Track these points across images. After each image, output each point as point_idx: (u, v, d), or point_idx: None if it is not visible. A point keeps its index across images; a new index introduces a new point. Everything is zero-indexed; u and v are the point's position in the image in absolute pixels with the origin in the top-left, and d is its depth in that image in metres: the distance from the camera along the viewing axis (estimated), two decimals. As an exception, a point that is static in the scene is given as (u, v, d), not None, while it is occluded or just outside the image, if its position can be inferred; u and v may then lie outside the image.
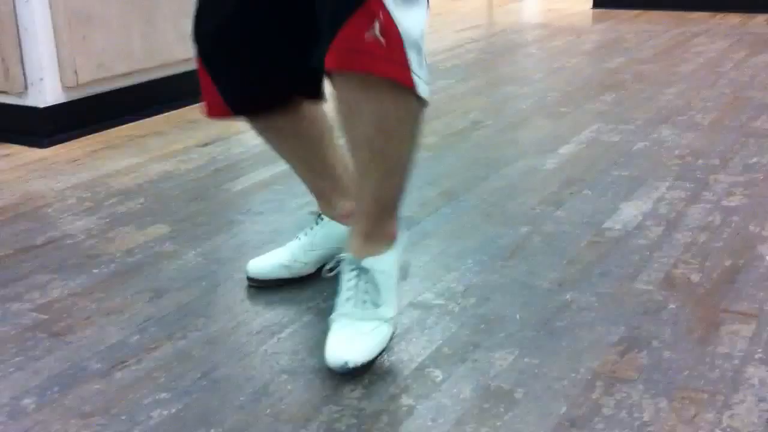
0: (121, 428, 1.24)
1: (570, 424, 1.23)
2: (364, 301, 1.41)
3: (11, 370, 1.40)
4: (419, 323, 1.53)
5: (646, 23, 4.60)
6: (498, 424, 1.24)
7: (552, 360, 1.40)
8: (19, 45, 2.66)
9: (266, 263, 1.67)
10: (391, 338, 1.45)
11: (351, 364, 1.35)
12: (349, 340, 1.37)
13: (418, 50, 1.29)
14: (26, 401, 1.31)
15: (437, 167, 2.37)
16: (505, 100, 3.10)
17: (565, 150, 2.48)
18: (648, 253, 1.79)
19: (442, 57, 3.87)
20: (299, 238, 1.68)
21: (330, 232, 1.65)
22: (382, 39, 1.23)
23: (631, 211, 2.00)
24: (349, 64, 1.25)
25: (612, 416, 1.25)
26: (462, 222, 1.98)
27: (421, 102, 1.33)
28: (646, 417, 1.25)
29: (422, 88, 1.31)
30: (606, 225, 1.93)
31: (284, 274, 1.66)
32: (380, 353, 1.41)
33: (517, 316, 1.54)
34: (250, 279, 1.67)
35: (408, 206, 2.06)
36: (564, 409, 1.27)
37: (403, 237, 1.50)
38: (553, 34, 4.38)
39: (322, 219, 1.66)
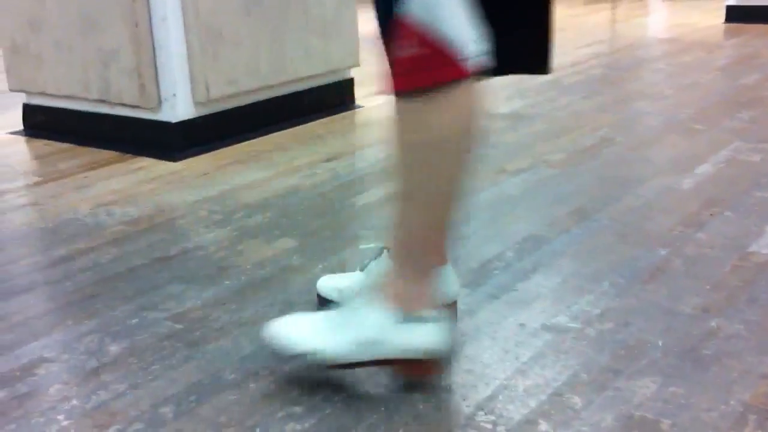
0: (256, 441, 1.24)
1: (723, 460, 1.15)
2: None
3: (150, 378, 1.43)
4: (553, 347, 1.47)
5: (783, 37, 4.37)
6: (644, 456, 1.17)
7: (699, 390, 1.32)
8: (155, 62, 2.75)
9: (328, 284, 1.63)
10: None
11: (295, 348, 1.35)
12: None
13: (469, 43, 1.22)
14: (164, 409, 1.34)
15: (566, 185, 2.30)
16: (635, 117, 2.99)
17: (702, 169, 2.36)
18: (799, 279, 1.67)
19: (566, 73, 3.79)
20: (366, 270, 1.50)
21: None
22: (422, 50, 1.20)
23: (778, 235, 1.89)
24: (402, 85, 1.23)
25: (769, 455, 1.16)
26: (595, 242, 1.91)
27: (474, 90, 1.24)
28: (807, 457, 1.15)
29: (478, 61, 1.23)
30: (751, 249, 1.82)
31: (335, 297, 1.59)
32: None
33: (660, 343, 1.46)
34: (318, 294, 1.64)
35: (536, 225, 2.00)
36: (716, 444, 1.19)
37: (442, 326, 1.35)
38: (683, 49, 4.22)
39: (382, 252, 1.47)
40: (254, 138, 2.96)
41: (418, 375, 1.37)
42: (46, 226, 2.20)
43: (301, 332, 1.36)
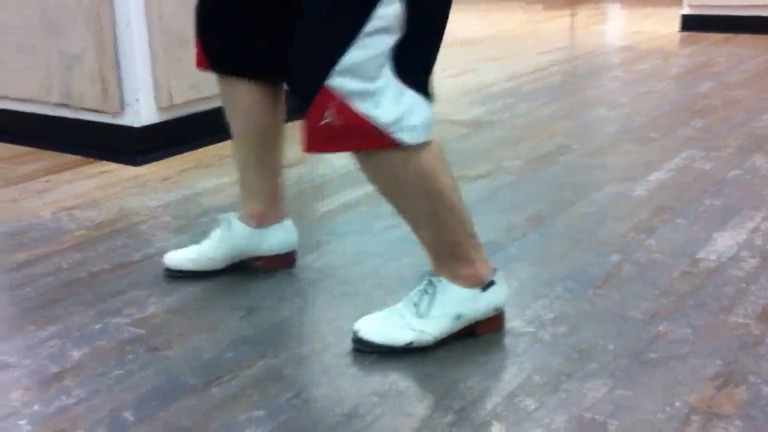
0: (217, 444, 1.27)
1: (667, 459, 1.21)
2: (414, 304, 1.51)
3: (110, 383, 1.45)
4: (509, 351, 1.52)
5: (737, 47, 4.49)
6: (592, 456, 1.22)
7: (646, 392, 1.37)
8: (118, 66, 2.76)
9: (178, 255, 1.86)
10: (409, 351, 1.50)
11: (359, 334, 1.51)
12: (375, 317, 1.53)
13: (412, 110, 1.37)
14: (125, 414, 1.36)
15: (523, 192, 2.36)
16: (591, 124, 3.06)
17: (654, 177, 2.44)
18: (744, 285, 1.74)
19: (525, 80, 3.86)
20: (210, 237, 1.86)
21: (235, 232, 1.82)
22: (338, 120, 1.34)
23: (725, 242, 1.95)
24: (311, 147, 1.40)
25: (710, 453, 1.22)
26: (550, 248, 1.96)
27: (419, 148, 1.40)
28: (746, 456, 1.21)
29: (411, 136, 1.38)
30: (700, 255, 1.89)
31: (190, 266, 1.84)
32: (387, 348, 1.49)
33: (610, 347, 1.52)
34: (165, 269, 1.87)
35: (494, 231, 2.05)
36: (660, 444, 1.24)
37: (501, 287, 1.56)
38: (639, 57, 4.32)
39: (233, 218, 1.83)
40: (217, 143, 2.97)
41: (494, 328, 1.57)
42: (6, 230, 2.20)
43: (387, 329, 1.51)
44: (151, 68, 2.78)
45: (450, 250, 1.51)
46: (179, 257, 1.86)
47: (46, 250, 2.05)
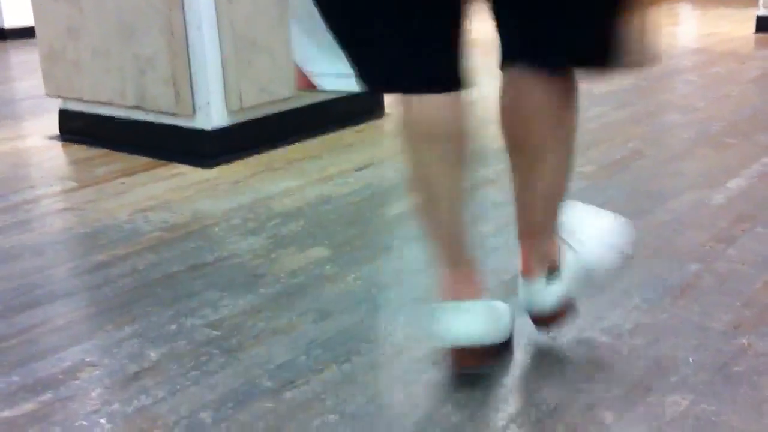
0: (293, 449, 1.27)
1: (754, 479, 1.16)
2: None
3: (188, 383, 1.47)
4: (587, 361, 1.49)
5: (816, 49, 4.35)
6: (675, 473, 1.18)
7: (731, 408, 1.33)
8: (189, 70, 2.80)
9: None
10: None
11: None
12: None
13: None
14: (203, 415, 1.37)
15: (596, 198, 2.31)
16: (666, 129, 2.99)
17: (734, 184, 2.37)
18: (832, 297, 1.67)
19: (597, 83, 3.79)
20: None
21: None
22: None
23: (810, 252, 1.89)
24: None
25: (801, 474, 1.17)
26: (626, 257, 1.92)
27: None
28: (839, 477, 1.16)
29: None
30: (783, 265, 1.83)
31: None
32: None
33: (691, 360, 1.47)
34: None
35: (568, 238, 2.02)
36: (747, 462, 1.20)
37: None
38: (714, 60, 4.21)
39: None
40: (286, 146, 3.00)
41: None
42: (84, 231, 2.25)
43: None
44: (222, 71, 2.81)
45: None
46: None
47: (122, 251, 2.09)
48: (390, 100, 3.42)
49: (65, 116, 3.31)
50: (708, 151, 2.70)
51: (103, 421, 1.37)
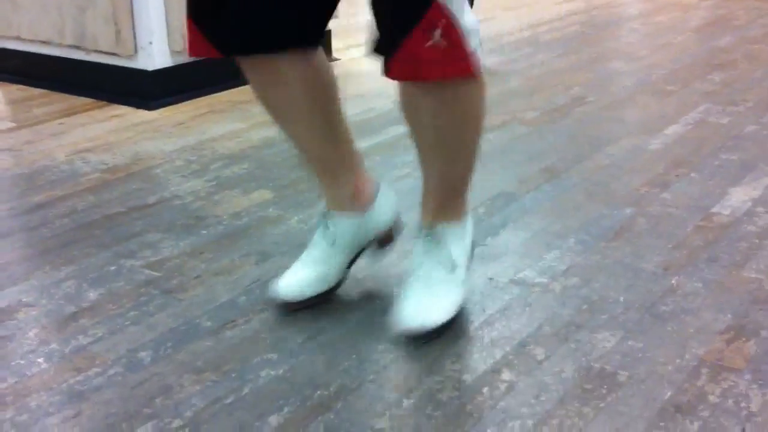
0: (232, 385, 1.29)
1: (675, 409, 1.22)
2: (438, 263, 1.44)
3: (127, 323, 1.47)
4: (520, 301, 1.53)
5: (757, 0, 4.41)
6: (601, 405, 1.23)
7: (657, 344, 1.38)
8: (131, 8, 2.74)
9: (296, 284, 1.50)
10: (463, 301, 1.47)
11: (428, 325, 1.39)
12: (424, 303, 1.41)
13: (477, 33, 1.25)
14: (142, 354, 1.38)
15: (538, 143, 2.35)
16: (609, 77, 3.03)
17: (671, 130, 2.42)
18: (757, 240, 1.73)
19: (542, 30, 3.81)
20: (313, 250, 1.52)
21: (344, 229, 1.51)
22: (443, 42, 1.20)
23: (740, 197, 1.95)
24: (412, 75, 1.24)
25: (718, 404, 1.23)
26: (564, 200, 1.96)
27: (482, 81, 1.32)
28: (753, 407, 1.22)
29: (480, 67, 1.27)
30: (714, 210, 1.88)
31: (322, 288, 1.51)
32: (455, 315, 1.43)
33: (621, 299, 1.52)
34: (287, 304, 1.49)
35: (507, 182, 2.05)
36: (669, 394, 1.25)
37: (470, 220, 1.54)
38: (658, 9, 4.25)
39: (329, 219, 1.52)
40: (230, 88, 2.96)
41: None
42: (21, 172, 2.21)
43: (441, 301, 1.42)
44: (164, 10, 2.75)
45: (467, 186, 1.46)
46: (298, 285, 1.50)
47: (61, 192, 2.06)
48: (338, 44, 3.39)
49: (2, 55, 3.22)
50: (648, 98, 2.75)
51: (40, 360, 1.36)
